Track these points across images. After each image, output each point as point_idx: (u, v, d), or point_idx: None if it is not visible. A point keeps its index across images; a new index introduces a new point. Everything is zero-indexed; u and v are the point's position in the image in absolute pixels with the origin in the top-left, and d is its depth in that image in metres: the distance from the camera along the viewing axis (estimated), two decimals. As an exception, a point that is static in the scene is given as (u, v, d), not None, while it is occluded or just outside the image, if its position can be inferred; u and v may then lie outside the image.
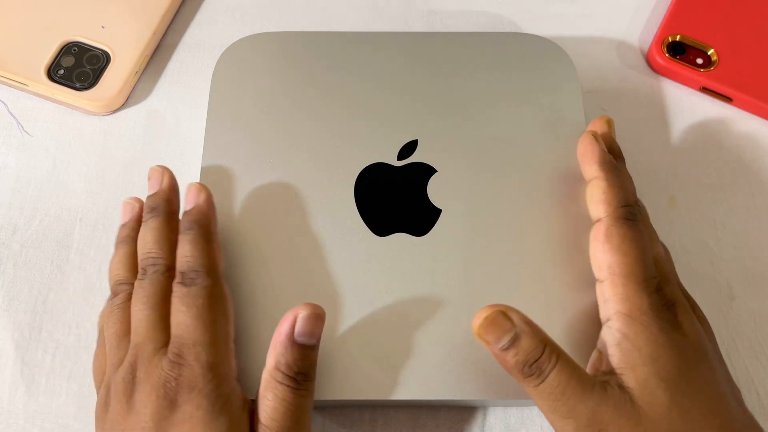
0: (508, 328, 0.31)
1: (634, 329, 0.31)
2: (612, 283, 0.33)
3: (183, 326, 0.32)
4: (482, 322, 0.32)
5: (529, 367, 0.31)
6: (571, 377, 0.31)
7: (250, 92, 0.42)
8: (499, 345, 0.32)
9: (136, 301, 0.34)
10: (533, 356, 0.31)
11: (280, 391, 0.31)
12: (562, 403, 0.30)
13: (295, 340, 0.32)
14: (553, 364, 0.31)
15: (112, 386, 0.33)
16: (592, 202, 0.36)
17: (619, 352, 0.31)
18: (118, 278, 0.36)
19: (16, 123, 0.45)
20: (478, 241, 0.38)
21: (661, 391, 0.30)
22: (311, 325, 0.32)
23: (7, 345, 0.39)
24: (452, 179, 0.39)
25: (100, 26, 0.46)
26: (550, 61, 0.43)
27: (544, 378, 0.31)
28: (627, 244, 0.33)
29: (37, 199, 0.43)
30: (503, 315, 0.32)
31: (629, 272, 0.33)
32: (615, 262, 0.33)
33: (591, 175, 0.36)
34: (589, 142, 0.37)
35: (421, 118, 0.41)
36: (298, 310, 0.32)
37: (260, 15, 0.49)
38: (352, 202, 0.38)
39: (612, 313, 0.32)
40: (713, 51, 0.46)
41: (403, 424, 0.37)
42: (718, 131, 0.45)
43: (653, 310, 0.32)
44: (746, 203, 0.43)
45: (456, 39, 0.44)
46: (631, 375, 0.31)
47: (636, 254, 0.33)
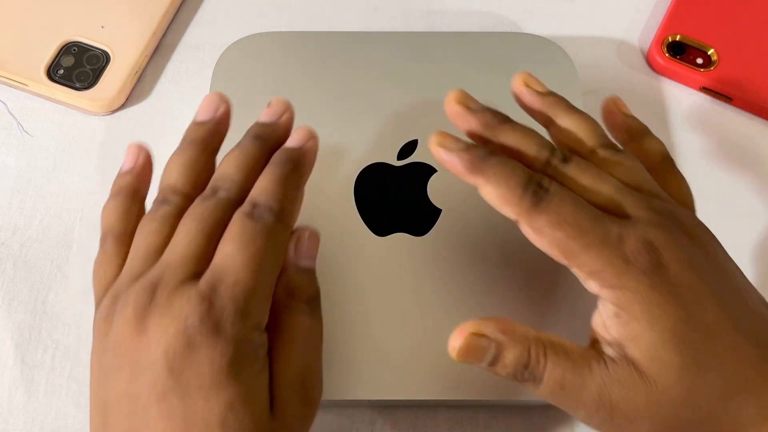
0: (485, 346, 0.29)
1: (624, 299, 0.28)
2: (576, 265, 0.29)
3: (229, 258, 0.28)
4: (458, 350, 0.29)
5: (521, 374, 0.29)
6: (566, 369, 0.29)
7: (250, 92, 0.42)
8: (484, 363, 0.29)
9: (188, 217, 0.30)
10: (521, 364, 0.29)
11: (296, 319, 0.30)
12: (566, 397, 0.29)
13: (303, 265, 0.31)
14: (543, 364, 0.29)
15: (122, 299, 0.29)
16: (497, 209, 0.31)
17: (617, 325, 0.28)
18: (175, 185, 0.32)
19: (16, 123, 0.45)
20: (478, 240, 0.38)
21: (669, 353, 0.28)
22: (314, 246, 0.31)
23: (7, 345, 0.39)
24: (452, 179, 0.39)
25: (99, 26, 0.46)
26: (550, 61, 0.43)
27: (539, 381, 0.29)
28: (557, 227, 0.29)
29: (37, 199, 0.43)
30: (476, 336, 0.29)
31: (583, 247, 0.28)
32: (562, 248, 0.29)
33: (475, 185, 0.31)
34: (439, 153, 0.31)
35: (421, 117, 0.41)
36: (298, 232, 0.31)
37: (260, 15, 0.49)
38: (351, 202, 0.38)
39: (597, 290, 0.29)
40: (713, 51, 0.46)
41: (403, 424, 0.37)
42: (718, 131, 0.45)
43: (631, 269, 0.28)
44: (747, 203, 0.43)
45: (456, 39, 0.44)
46: (635, 346, 0.28)
47: (573, 228, 0.28)
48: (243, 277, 0.28)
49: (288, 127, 0.33)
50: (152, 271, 0.29)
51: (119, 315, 0.28)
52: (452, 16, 0.49)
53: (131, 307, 0.28)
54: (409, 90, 0.42)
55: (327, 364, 0.35)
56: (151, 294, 0.28)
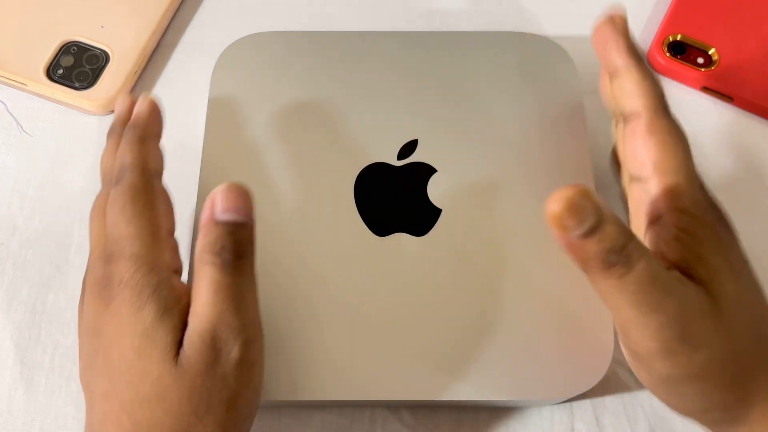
0: (591, 210, 0.26)
1: (694, 223, 0.30)
2: (661, 179, 0.31)
3: (111, 224, 0.31)
4: (564, 203, 0.26)
5: (616, 254, 0.27)
6: (659, 270, 0.28)
7: (250, 92, 0.42)
8: (580, 230, 0.27)
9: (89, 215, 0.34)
10: (620, 243, 0.27)
11: (207, 273, 0.29)
12: (650, 295, 0.27)
13: (217, 218, 0.29)
14: (641, 253, 0.27)
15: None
16: (624, 94, 0.33)
17: (681, 247, 0.30)
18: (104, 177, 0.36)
19: (15, 123, 0.45)
20: (478, 240, 0.37)
21: (731, 282, 0.29)
22: (231, 198, 0.30)
23: (7, 345, 0.39)
24: (452, 179, 0.39)
25: (99, 26, 0.46)
26: (550, 60, 0.43)
27: (632, 267, 0.27)
28: (673, 138, 0.31)
29: (37, 199, 0.43)
30: (586, 196, 0.27)
31: (678, 167, 0.31)
32: (662, 157, 0.31)
33: (618, 65, 0.33)
34: (609, 29, 0.33)
35: (421, 117, 0.41)
36: (216, 188, 0.30)
37: (260, 14, 0.49)
38: (351, 202, 0.38)
39: (665, 210, 0.30)
40: (714, 50, 0.46)
41: (403, 424, 0.37)
42: (719, 131, 0.45)
43: (707, 206, 0.31)
44: (746, 203, 0.43)
45: (456, 38, 0.44)
46: (701, 267, 0.29)
47: (682, 150, 0.31)
48: (123, 230, 0.31)
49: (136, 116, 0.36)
50: None
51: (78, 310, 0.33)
52: (452, 16, 0.49)
53: (79, 299, 0.33)
54: (409, 90, 0.42)
55: (327, 364, 0.35)
56: (83, 280, 0.32)
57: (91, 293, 0.31)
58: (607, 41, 0.34)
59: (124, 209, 0.31)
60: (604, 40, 0.34)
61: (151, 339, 0.28)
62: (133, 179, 0.32)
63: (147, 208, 0.31)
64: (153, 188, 0.33)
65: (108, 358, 0.29)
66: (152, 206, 0.32)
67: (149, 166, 0.33)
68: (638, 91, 0.32)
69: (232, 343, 0.29)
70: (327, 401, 0.35)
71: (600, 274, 0.28)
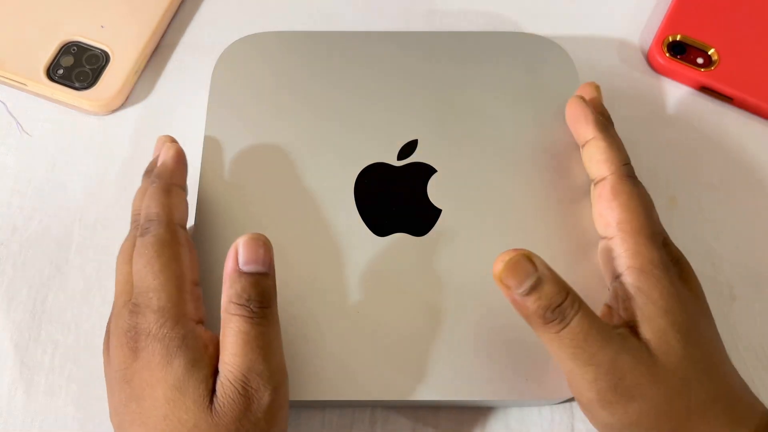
0: (530, 272, 0.31)
1: (648, 283, 0.32)
2: (622, 239, 0.33)
3: (137, 275, 0.32)
4: (504, 265, 0.31)
5: (552, 311, 0.30)
6: (593, 325, 0.31)
7: (250, 92, 0.42)
8: (520, 289, 0.31)
9: (117, 259, 0.35)
10: (556, 301, 0.30)
11: (235, 323, 0.30)
12: (584, 350, 0.30)
13: (241, 270, 0.31)
14: (576, 310, 0.31)
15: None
16: (592, 162, 0.37)
17: (633, 306, 0.32)
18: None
19: (15, 123, 0.45)
20: (478, 240, 0.37)
21: (676, 342, 0.31)
22: (253, 250, 0.31)
23: (6, 345, 0.39)
24: (452, 179, 0.39)
25: (99, 26, 0.46)
26: (550, 60, 0.43)
27: (566, 323, 0.30)
28: (634, 200, 0.34)
29: (37, 199, 0.43)
30: (526, 258, 0.31)
31: (639, 227, 0.33)
32: (624, 218, 0.34)
33: (587, 137, 0.37)
34: (579, 105, 0.38)
35: (421, 117, 0.41)
36: (238, 240, 0.32)
37: (260, 15, 0.49)
38: (351, 202, 0.38)
39: (624, 269, 0.33)
40: (714, 51, 0.46)
41: (403, 424, 0.37)
42: (718, 131, 0.45)
43: (663, 264, 0.32)
44: (746, 203, 0.43)
45: (456, 38, 0.44)
46: (647, 327, 0.31)
47: (643, 211, 0.34)
48: (149, 282, 0.32)
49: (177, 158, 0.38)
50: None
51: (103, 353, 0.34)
52: (452, 16, 0.49)
53: (104, 346, 0.34)
54: (409, 90, 0.42)
55: (327, 364, 0.35)
56: (108, 327, 0.33)
57: (119, 342, 0.31)
58: (576, 116, 0.38)
59: (150, 262, 0.32)
60: (575, 114, 0.38)
61: (183, 390, 0.30)
62: (159, 232, 0.33)
63: (173, 261, 0.33)
64: (178, 240, 0.34)
65: (141, 407, 0.30)
66: (177, 258, 0.33)
67: (174, 218, 0.34)
68: (604, 158, 0.36)
69: (263, 390, 0.30)
70: (327, 401, 0.35)
71: (540, 328, 0.31)
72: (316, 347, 0.35)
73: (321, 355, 0.35)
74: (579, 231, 0.37)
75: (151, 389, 0.30)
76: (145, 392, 0.30)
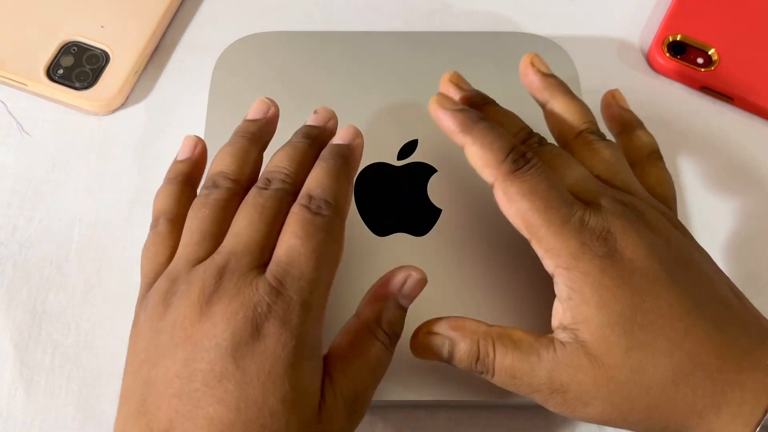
0: (440, 343, 0.32)
1: (577, 281, 0.29)
2: (537, 240, 0.30)
3: (294, 253, 0.29)
4: (416, 351, 0.32)
5: (475, 366, 0.31)
6: (514, 359, 0.30)
7: (250, 92, 0.42)
8: (443, 360, 0.32)
9: (249, 206, 0.31)
10: (473, 357, 0.31)
11: (376, 347, 0.30)
12: (519, 384, 0.30)
13: (399, 302, 0.31)
14: (492, 356, 0.31)
15: (184, 282, 0.29)
16: (477, 170, 0.32)
17: (569, 308, 0.30)
18: (227, 172, 0.33)
19: (15, 123, 0.45)
20: (478, 240, 0.37)
21: (616, 336, 0.29)
22: (418, 290, 0.32)
23: (7, 345, 0.39)
24: (452, 179, 0.39)
25: (99, 26, 0.46)
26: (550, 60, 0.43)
27: (492, 371, 0.31)
28: (527, 197, 0.30)
29: (37, 199, 0.43)
30: (430, 334, 0.32)
31: (546, 223, 0.30)
32: (526, 220, 0.30)
33: (460, 144, 0.32)
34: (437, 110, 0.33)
35: (421, 117, 0.41)
36: (411, 270, 0.31)
37: (260, 14, 0.49)
38: (351, 202, 0.38)
39: (552, 269, 0.30)
40: (714, 51, 0.46)
41: (403, 424, 0.37)
42: (718, 131, 0.45)
43: (586, 251, 0.29)
44: (746, 203, 0.43)
45: (456, 38, 0.44)
46: (584, 329, 0.29)
47: (542, 202, 0.30)
48: (306, 270, 0.29)
49: (333, 131, 0.35)
50: (216, 256, 0.29)
51: (181, 298, 0.29)
52: (452, 16, 0.49)
53: (197, 291, 0.28)
54: (410, 90, 0.42)
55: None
56: (218, 279, 0.28)
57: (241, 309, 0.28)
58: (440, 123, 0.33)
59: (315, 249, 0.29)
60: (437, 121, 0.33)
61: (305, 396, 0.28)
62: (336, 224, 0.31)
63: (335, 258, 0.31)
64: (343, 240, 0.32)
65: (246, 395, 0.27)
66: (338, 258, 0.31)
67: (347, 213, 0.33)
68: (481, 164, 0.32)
69: (362, 412, 0.31)
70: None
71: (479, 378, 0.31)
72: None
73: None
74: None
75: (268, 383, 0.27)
76: (256, 381, 0.27)
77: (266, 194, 0.31)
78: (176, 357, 0.28)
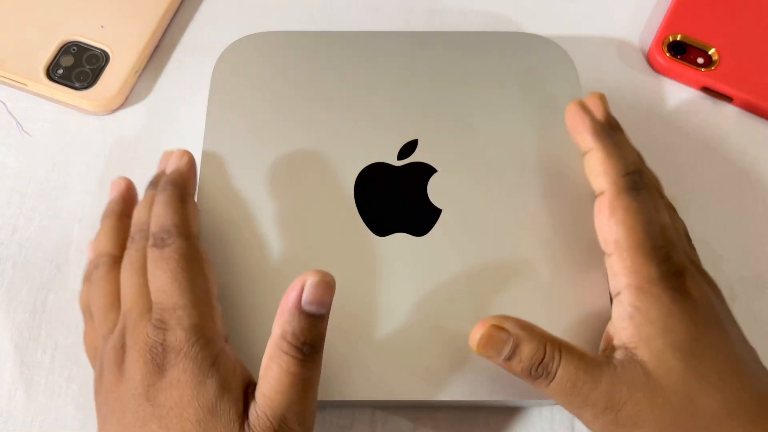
0: (504, 339, 0.32)
1: (646, 302, 0.31)
2: (620, 256, 0.32)
3: (161, 291, 0.32)
4: (479, 341, 0.32)
5: (536, 369, 0.31)
6: (578, 368, 0.31)
7: (250, 92, 0.42)
8: (501, 357, 0.32)
9: (124, 269, 0.34)
10: (537, 359, 0.31)
11: (285, 362, 0.30)
12: (576, 395, 0.31)
13: (302, 308, 0.30)
14: (558, 361, 0.31)
15: (104, 357, 0.32)
16: (591, 174, 0.35)
17: (632, 326, 0.31)
18: (99, 250, 0.36)
19: (15, 123, 0.45)
20: (478, 240, 0.37)
21: (676, 360, 0.30)
22: (321, 293, 0.30)
23: (7, 345, 0.39)
24: (452, 179, 0.39)
25: (99, 26, 0.46)
26: (550, 60, 0.43)
27: (552, 377, 0.31)
28: (632, 216, 0.33)
29: (37, 199, 0.43)
30: (497, 328, 0.32)
31: (636, 244, 0.32)
32: (621, 235, 0.33)
33: (586, 147, 0.35)
34: (577, 112, 0.36)
35: (421, 117, 0.41)
36: (307, 276, 0.31)
37: (260, 14, 0.49)
38: (351, 202, 0.38)
39: (622, 287, 0.32)
40: (714, 51, 0.46)
41: (403, 424, 0.37)
42: (718, 131, 0.45)
43: (662, 281, 0.32)
44: (746, 203, 0.43)
45: (456, 38, 0.44)
46: (645, 348, 0.31)
47: (642, 226, 0.32)
48: (176, 299, 0.31)
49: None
50: (118, 324, 0.33)
51: (105, 370, 0.32)
52: (453, 16, 0.49)
53: (111, 360, 0.32)
54: (409, 90, 0.42)
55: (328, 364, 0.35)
56: (121, 341, 0.32)
57: (140, 358, 0.30)
58: (575, 123, 0.36)
59: (176, 278, 0.32)
60: (573, 122, 0.36)
61: (215, 412, 0.29)
62: (181, 245, 0.33)
63: (199, 277, 0.32)
64: (201, 255, 0.33)
65: (165, 427, 0.29)
66: (203, 274, 0.33)
67: (193, 230, 0.34)
68: (602, 170, 0.34)
69: (297, 429, 0.30)
70: (328, 401, 0.35)
71: (533, 384, 0.32)
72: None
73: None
74: (581, 231, 0.37)
75: (180, 410, 0.29)
76: (171, 412, 0.29)
77: (132, 252, 0.34)
78: (114, 417, 0.31)
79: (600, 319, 0.35)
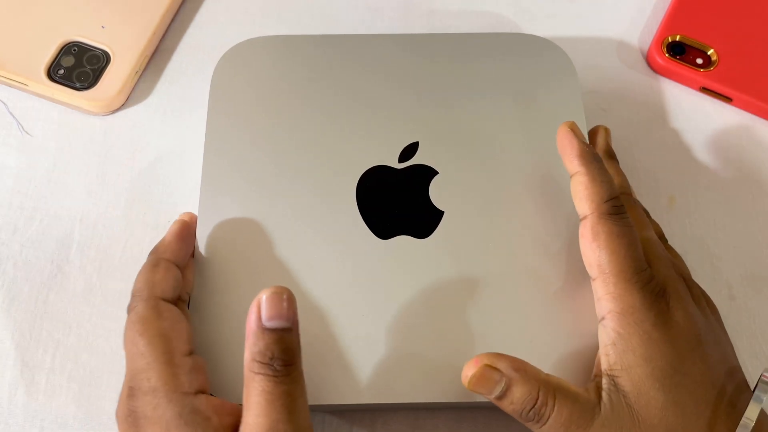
0: (497, 380, 0.32)
1: (628, 328, 0.32)
2: (603, 281, 0.33)
3: (127, 357, 0.33)
4: (470, 378, 0.32)
5: (527, 413, 0.31)
6: (572, 412, 0.31)
7: (250, 95, 0.42)
8: (492, 396, 0.32)
9: None
10: (529, 403, 0.31)
11: (259, 383, 0.29)
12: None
13: (264, 326, 0.30)
14: (551, 407, 0.31)
15: None
16: (576, 198, 0.35)
17: (614, 353, 0.32)
18: None
19: (15, 123, 0.45)
20: (481, 242, 0.38)
21: (656, 391, 0.31)
22: (277, 305, 0.30)
23: (7, 345, 0.39)
24: (454, 181, 0.39)
25: (100, 26, 0.46)
26: (550, 61, 0.43)
27: (544, 421, 0.31)
28: (614, 240, 0.33)
29: (37, 199, 0.43)
30: (490, 368, 0.32)
31: (618, 270, 0.32)
32: (604, 260, 0.33)
33: (573, 170, 0.35)
34: (566, 135, 0.36)
35: (422, 119, 0.41)
36: (261, 294, 0.30)
37: (260, 16, 0.49)
38: (354, 205, 0.38)
39: (605, 312, 0.32)
40: (713, 51, 0.46)
41: (403, 425, 0.37)
42: (718, 131, 0.45)
43: (645, 306, 0.32)
44: (746, 203, 0.43)
45: (455, 40, 0.44)
46: (626, 377, 0.31)
47: (624, 250, 0.33)
48: (137, 363, 0.32)
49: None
50: None
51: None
52: (452, 17, 0.49)
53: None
54: (410, 92, 0.42)
55: (329, 367, 0.35)
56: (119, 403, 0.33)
57: (121, 428, 0.32)
58: (563, 146, 0.36)
59: (135, 342, 0.32)
60: (561, 144, 0.36)
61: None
62: (138, 309, 0.33)
63: (156, 338, 0.32)
64: (160, 314, 0.33)
65: None
66: (161, 334, 0.33)
67: (156, 293, 0.34)
68: (585, 195, 0.34)
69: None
70: (329, 405, 0.35)
71: (524, 424, 0.32)
72: (318, 350, 0.35)
73: (323, 358, 0.35)
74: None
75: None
76: None
77: None
78: None
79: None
